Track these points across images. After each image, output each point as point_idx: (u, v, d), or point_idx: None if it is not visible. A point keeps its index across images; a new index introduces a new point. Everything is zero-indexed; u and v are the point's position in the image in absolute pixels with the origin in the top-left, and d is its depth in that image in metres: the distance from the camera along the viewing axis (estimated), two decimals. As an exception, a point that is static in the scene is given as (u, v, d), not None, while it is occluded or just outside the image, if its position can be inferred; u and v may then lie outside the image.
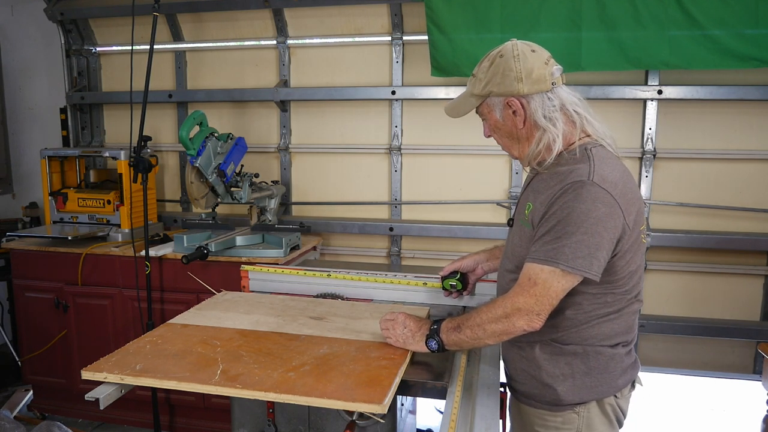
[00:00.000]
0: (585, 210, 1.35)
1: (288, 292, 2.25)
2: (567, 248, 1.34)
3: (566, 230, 1.35)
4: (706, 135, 3.10)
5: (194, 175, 2.96)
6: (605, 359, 1.51)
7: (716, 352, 3.20)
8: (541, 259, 1.37)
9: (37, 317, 3.28)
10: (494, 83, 1.50)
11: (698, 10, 2.69)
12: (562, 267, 1.34)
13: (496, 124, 1.56)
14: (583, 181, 1.38)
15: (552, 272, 1.36)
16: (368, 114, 3.51)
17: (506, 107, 1.52)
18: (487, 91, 1.52)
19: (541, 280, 1.36)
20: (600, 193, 1.37)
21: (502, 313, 1.39)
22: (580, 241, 1.34)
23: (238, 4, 3.44)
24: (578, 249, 1.34)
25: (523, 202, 1.57)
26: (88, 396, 1.38)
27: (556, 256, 1.35)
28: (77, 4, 3.69)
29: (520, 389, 1.60)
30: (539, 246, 1.39)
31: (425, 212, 3.51)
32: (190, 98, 3.71)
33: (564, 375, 1.50)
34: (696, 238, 3.05)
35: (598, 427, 1.53)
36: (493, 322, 1.41)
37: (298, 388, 1.34)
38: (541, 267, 1.37)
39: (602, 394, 1.52)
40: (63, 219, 3.46)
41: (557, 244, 1.35)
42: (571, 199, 1.37)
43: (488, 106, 1.55)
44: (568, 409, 1.51)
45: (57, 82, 3.90)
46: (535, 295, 1.36)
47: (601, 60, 2.85)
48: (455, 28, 2.96)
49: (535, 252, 1.39)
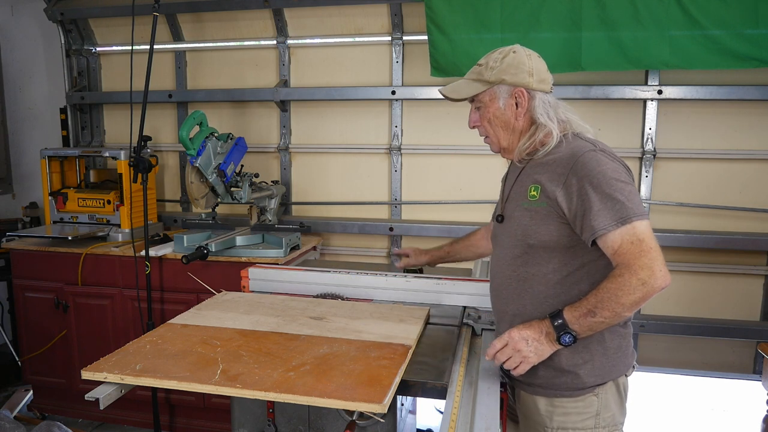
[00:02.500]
0: (612, 168, 1.44)
1: (288, 292, 2.25)
2: (627, 201, 1.39)
3: (614, 189, 1.40)
4: (706, 135, 3.10)
5: (194, 175, 2.96)
6: (619, 338, 1.56)
7: (716, 352, 3.20)
8: (618, 222, 1.38)
9: (37, 317, 3.28)
10: (508, 73, 1.57)
11: (698, 10, 2.69)
12: (638, 218, 1.38)
13: (495, 112, 1.61)
14: (592, 149, 1.49)
15: (639, 224, 1.38)
16: (368, 114, 3.51)
17: (511, 97, 1.59)
18: (499, 79, 1.58)
19: (641, 235, 1.37)
20: (610, 157, 1.48)
21: (637, 282, 1.34)
22: (630, 192, 1.41)
23: (238, 4, 3.44)
24: (632, 198, 1.40)
25: (521, 189, 1.59)
26: (88, 396, 1.37)
27: (626, 212, 1.38)
28: (77, 4, 3.69)
29: (535, 382, 1.59)
30: (603, 213, 1.39)
31: (425, 212, 3.51)
32: (190, 98, 3.71)
33: (584, 359, 1.53)
34: (696, 238, 3.05)
35: (612, 407, 1.57)
36: (630, 293, 1.35)
37: (298, 387, 1.34)
38: (628, 227, 1.37)
39: (619, 373, 1.58)
40: (63, 219, 3.46)
41: (618, 205, 1.39)
42: (595, 165, 1.44)
43: (493, 93, 1.60)
44: (588, 392, 1.54)
45: (57, 82, 3.90)
46: (652, 249, 1.36)
47: (601, 60, 2.85)
48: (455, 28, 2.96)
49: (604, 220, 1.39)
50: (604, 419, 1.56)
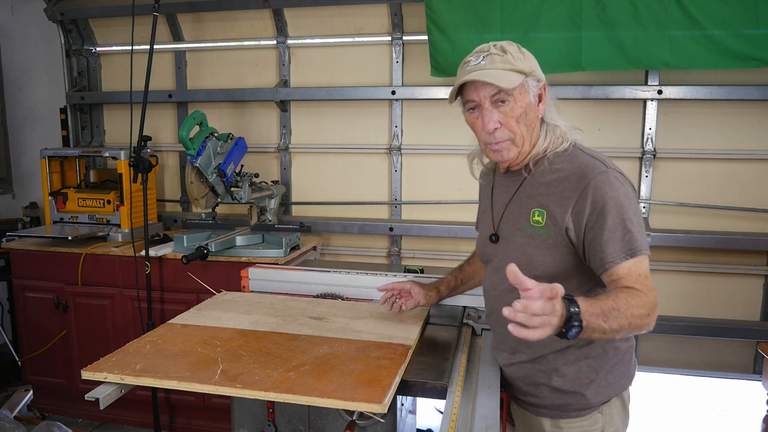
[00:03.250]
0: (624, 194, 1.36)
1: (288, 292, 2.25)
2: (637, 234, 1.34)
3: (625, 218, 1.33)
4: (706, 135, 3.10)
5: (194, 175, 2.96)
6: (621, 353, 1.53)
7: (716, 352, 3.20)
8: (627, 255, 1.32)
9: (37, 317, 3.28)
10: (535, 65, 1.45)
11: (698, 10, 2.69)
12: (643, 252, 1.34)
13: (526, 108, 1.43)
14: (604, 171, 1.38)
15: (644, 260, 1.34)
16: (368, 114, 3.51)
17: (537, 92, 1.45)
18: (531, 70, 1.43)
19: (645, 271, 1.33)
20: (620, 177, 1.40)
21: (645, 312, 1.27)
22: (638, 224, 1.35)
23: (238, 4, 3.44)
24: (640, 231, 1.35)
25: (521, 210, 1.48)
26: (88, 396, 1.37)
27: (635, 245, 1.33)
28: (77, 4, 3.69)
29: (540, 403, 1.56)
30: (614, 244, 1.32)
31: (425, 212, 3.51)
32: (190, 98, 3.71)
33: (590, 379, 1.49)
34: (696, 238, 3.05)
35: (617, 421, 1.55)
36: (639, 318, 1.25)
37: (298, 387, 1.34)
38: (635, 261, 1.32)
39: (623, 387, 1.55)
40: (63, 219, 3.46)
41: (629, 236, 1.33)
42: (608, 190, 1.35)
43: (526, 86, 1.43)
44: (594, 410, 1.51)
45: (57, 82, 3.90)
46: (652, 287, 1.33)
47: (601, 60, 2.85)
48: (455, 28, 2.96)
49: (614, 251, 1.32)
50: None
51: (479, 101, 1.44)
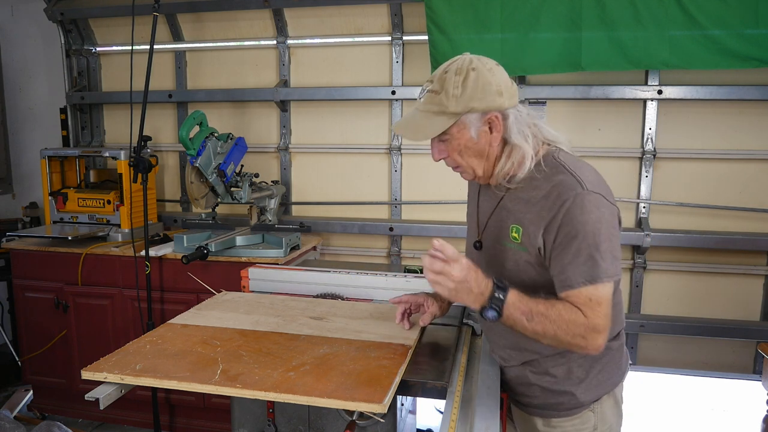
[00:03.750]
0: (596, 219, 1.33)
1: (288, 292, 2.25)
2: (601, 261, 1.32)
3: (591, 244, 1.32)
4: (706, 135, 3.10)
5: (194, 175, 2.96)
6: (613, 352, 1.55)
7: (716, 352, 3.20)
8: (586, 281, 1.32)
9: (37, 317, 3.28)
10: (475, 98, 1.37)
11: (698, 10, 2.69)
12: (605, 280, 1.32)
13: (467, 144, 1.42)
14: (579, 193, 1.34)
15: (603, 287, 1.32)
16: (368, 114, 3.51)
17: (484, 124, 1.40)
18: (468, 108, 1.37)
19: (600, 299, 1.32)
20: (597, 198, 1.35)
21: (579, 332, 1.31)
22: (606, 250, 1.32)
23: (238, 4, 3.44)
24: (607, 257, 1.32)
25: (500, 223, 1.50)
26: (88, 396, 1.37)
27: (597, 272, 1.32)
28: (77, 4, 3.69)
29: (531, 403, 1.58)
30: (575, 269, 1.33)
31: (425, 212, 3.50)
32: (190, 98, 3.71)
33: (580, 378, 1.51)
34: (696, 238, 3.05)
35: (610, 418, 1.56)
36: (571, 334, 1.32)
37: (298, 387, 1.34)
38: (594, 287, 1.32)
39: (614, 384, 1.56)
40: (63, 219, 3.46)
41: (591, 262, 1.32)
42: (578, 214, 1.33)
43: (462, 124, 1.39)
44: (585, 408, 1.53)
45: (57, 82, 3.90)
46: (605, 315, 1.33)
47: (601, 60, 2.85)
48: (455, 28, 2.96)
49: (574, 275, 1.33)
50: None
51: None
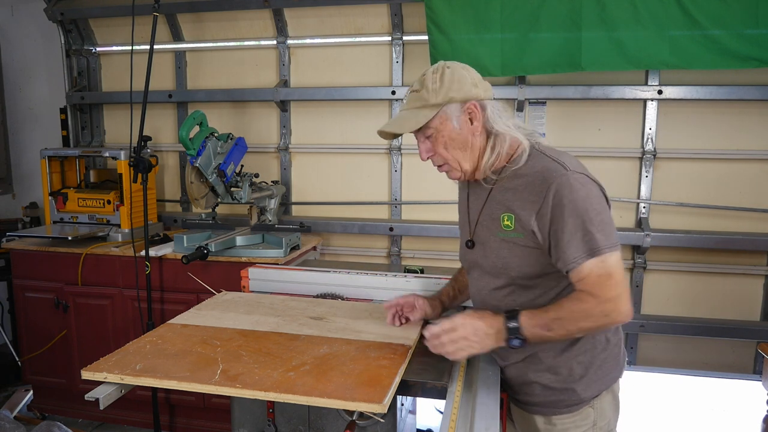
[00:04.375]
0: (584, 195, 1.38)
1: (288, 292, 2.25)
2: (597, 234, 1.35)
3: (585, 220, 1.35)
4: (706, 135, 3.10)
5: (194, 175, 2.96)
6: (611, 347, 1.55)
7: (716, 352, 3.20)
8: (587, 255, 1.35)
9: (37, 317, 3.28)
10: (453, 89, 1.46)
11: (698, 10, 2.69)
12: (606, 251, 1.35)
13: (450, 135, 1.48)
14: (564, 174, 1.40)
15: (607, 258, 1.35)
16: (368, 114, 3.51)
17: (464, 113, 1.47)
18: (447, 98, 1.46)
19: (610, 270, 1.34)
20: (582, 177, 1.41)
21: (600, 313, 1.34)
22: (600, 222, 1.36)
23: (238, 4, 3.44)
24: (603, 229, 1.36)
25: (492, 215, 1.53)
26: (88, 396, 1.37)
27: (596, 245, 1.35)
28: (77, 4, 3.69)
29: (531, 401, 1.58)
30: (574, 246, 1.36)
31: (425, 212, 3.51)
32: (190, 98, 3.71)
33: (580, 375, 1.52)
34: (696, 238, 3.05)
35: (608, 414, 1.57)
36: (592, 321, 1.36)
37: (298, 387, 1.34)
38: (597, 260, 1.34)
39: (613, 380, 1.57)
40: (63, 219, 3.46)
41: (588, 236, 1.35)
42: (567, 194, 1.37)
43: (444, 115, 1.47)
44: (585, 404, 1.54)
45: (57, 82, 3.90)
46: (619, 285, 1.34)
47: (601, 60, 2.85)
48: (455, 28, 2.96)
49: (574, 253, 1.36)
50: (600, 427, 1.56)
51: (415, 135, 1.56)
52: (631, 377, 1.58)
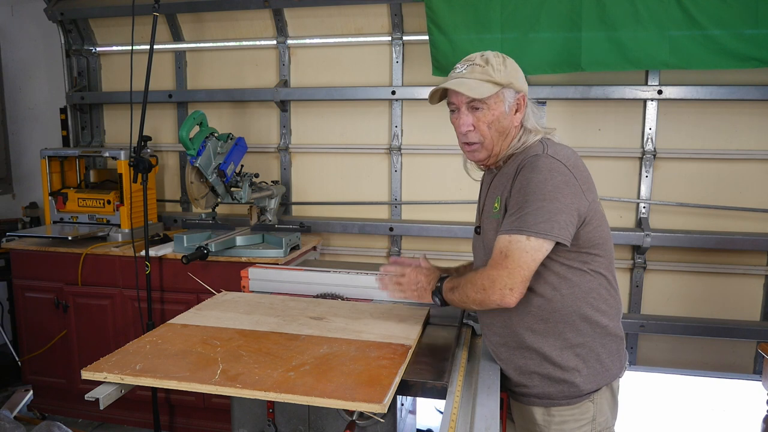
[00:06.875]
0: (542, 179, 1.43)
1: (288, 292, 2.25)
2: (529, 216, 1.40)
3: (526, 199, 1.42)
4: (706, 135, 3.10)
5: (194, 175, 2.96)
6: (611, 343, 1.57)
7: (716, 352, 3.20)
8: (506, 230, 1.44)
9: (37, 317, 3.28)
10: (514, 77, 1.56)
11: (698, 10, 2.69)
12: (526, 233, 1.40)
13: (499, 116, 1.55)
14: (537, 155, 1.48)
15: (518, 240, 1.40)
16: (368, 114, 3.51)
17: (515, 102, 1.57)
18: (509, 82, 1.55)
19: (510, 251, 1.41)
20: (554, 163, 1.45)
21: (480, 285, 1.45)
22: (540, 208, 1.40)
23: (238, 4, 3.44)
24: (538, 215, 1.40)
25: (491, 200, 1.61)
26: (88, 396, 1.37)
27: (520, 225, 1.41)
28: (77, 4, 3.69)
29: (531, 392, 1.59)
30: (506, 221, 1.45)
31: (425, 212, 3.51)
32: (190, 98, 3.71)
33: (578, 367, 1.53)
34: (696, 238, 3.05)
35: (606, 411, 1.59)
36: (474, 291, 1.47)
37: (298, 387, 1.34)
38: (509, 238, 1.42)
39: (613, 377, 1.59)
40: (63, 219, 3.46)
41: (520, 214, 1.42)
42: (528, 172, 1.45)
43: (501, 96, 1.55)
44: (585, 398, 1.55)
45: (57, 82, 3.90)
46: (508, 267, 1.41)
47: (601, 60, 2.85)
48: (455, 28, 2.96)
49: (505, 227, 1.45)
50: (599, 423, 1.57)
51: (458, 105, 1.59)
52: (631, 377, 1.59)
